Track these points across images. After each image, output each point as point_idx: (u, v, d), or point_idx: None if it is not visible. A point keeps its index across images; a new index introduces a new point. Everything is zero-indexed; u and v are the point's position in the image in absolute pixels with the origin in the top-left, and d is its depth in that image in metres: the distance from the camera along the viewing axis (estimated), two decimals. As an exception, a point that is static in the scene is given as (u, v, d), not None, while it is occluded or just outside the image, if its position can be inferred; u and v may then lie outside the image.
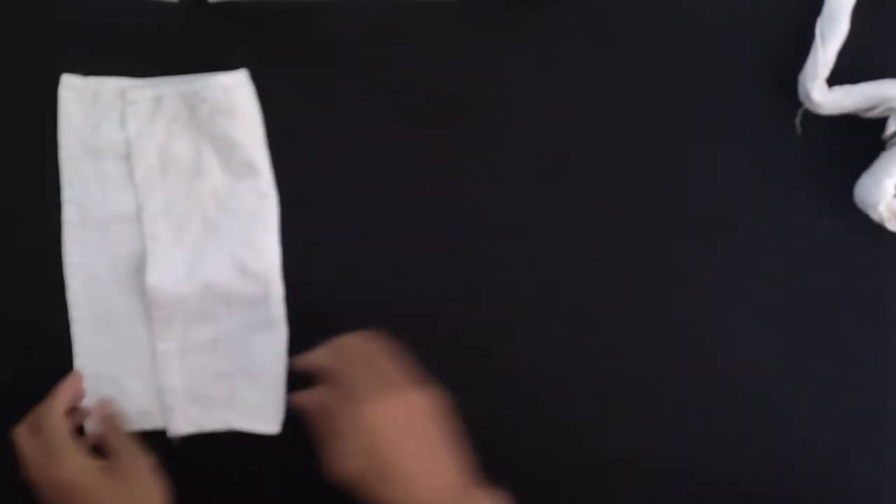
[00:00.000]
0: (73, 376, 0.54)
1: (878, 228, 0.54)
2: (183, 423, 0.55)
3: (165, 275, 0.54)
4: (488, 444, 0.48)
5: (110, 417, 0.54)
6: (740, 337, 0.56)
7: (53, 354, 0.55)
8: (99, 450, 0.52)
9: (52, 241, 0.55)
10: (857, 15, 0.53)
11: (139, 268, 0.55)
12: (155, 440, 0.54)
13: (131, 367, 0.55)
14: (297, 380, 0.52)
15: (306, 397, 0.50)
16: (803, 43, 0.54)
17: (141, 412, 0.55)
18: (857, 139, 0.55)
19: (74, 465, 0.49)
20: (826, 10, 0.54)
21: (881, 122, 0.54)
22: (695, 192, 0.56)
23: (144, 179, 0.55)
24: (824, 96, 0.54)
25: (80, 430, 0.53)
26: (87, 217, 0.55)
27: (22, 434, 0.50)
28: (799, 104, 0.55)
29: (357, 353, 0.48)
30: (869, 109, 0.54)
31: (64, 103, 0.55)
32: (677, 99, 0.56)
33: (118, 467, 0.50)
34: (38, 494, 0.49)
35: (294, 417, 0.51)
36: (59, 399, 0.52)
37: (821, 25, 0.54)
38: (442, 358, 0.50)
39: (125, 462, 0.51)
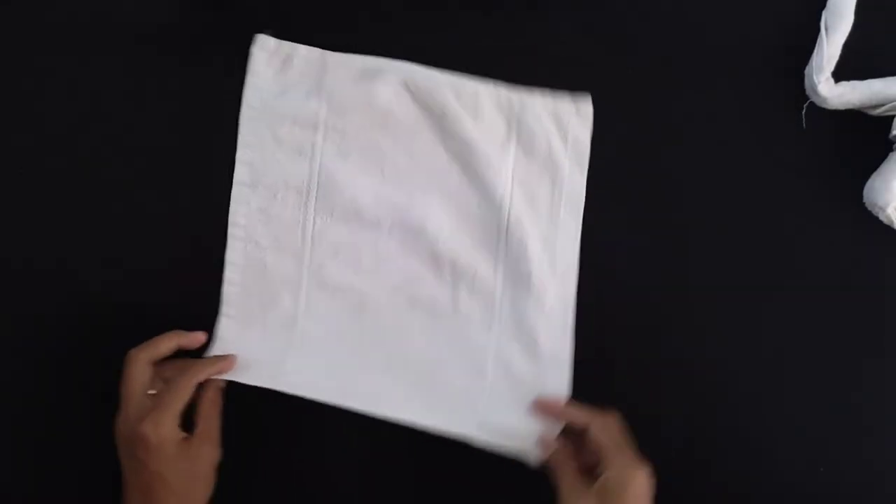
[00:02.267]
0: (172, 334, 0.50)
1: (885, 227, 0.52)
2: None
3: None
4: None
5: (217, 396, 0.50)
6: (743, 334, 0.55)
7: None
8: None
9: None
10: (868, 11, 0.50)
11: (300, 239, 0.54)
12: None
13: (272, 333, 0.54)
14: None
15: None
16: (811, 36, 0.52)
17: (278, 371, 0.52)
18: (865, 137, 0.52)
19: (161, 424, 0.46)
20: (831, 2, 0.52)
21: (889, 119, 0.50)
22: (699, 187, 0.55)
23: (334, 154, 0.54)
24: (830, 91, 0.52)
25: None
26: (257, 180, 0.54)
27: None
28: (805, 98, 0.53)
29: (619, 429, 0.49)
30: (875, 107, 0.51)
31: (254, 63, 0.54)
32: (682, 92, 0.55)
33: (191, 447, 0.47)
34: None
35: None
36: (152, 348, 0.48)
37: (826, 18, 0.52)
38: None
39: (202, 447, 0.48)
